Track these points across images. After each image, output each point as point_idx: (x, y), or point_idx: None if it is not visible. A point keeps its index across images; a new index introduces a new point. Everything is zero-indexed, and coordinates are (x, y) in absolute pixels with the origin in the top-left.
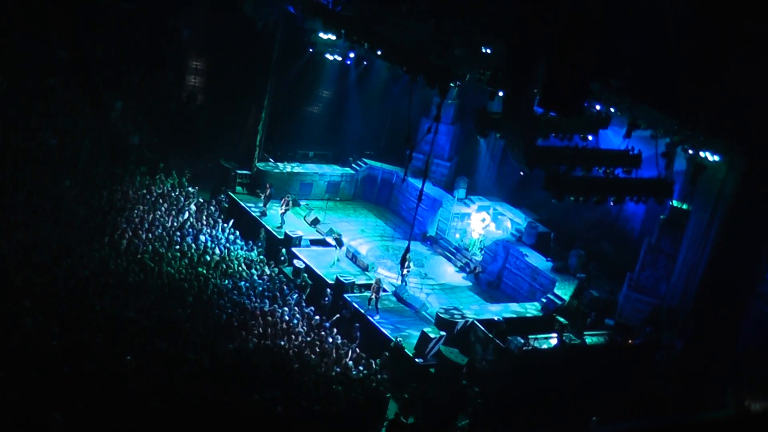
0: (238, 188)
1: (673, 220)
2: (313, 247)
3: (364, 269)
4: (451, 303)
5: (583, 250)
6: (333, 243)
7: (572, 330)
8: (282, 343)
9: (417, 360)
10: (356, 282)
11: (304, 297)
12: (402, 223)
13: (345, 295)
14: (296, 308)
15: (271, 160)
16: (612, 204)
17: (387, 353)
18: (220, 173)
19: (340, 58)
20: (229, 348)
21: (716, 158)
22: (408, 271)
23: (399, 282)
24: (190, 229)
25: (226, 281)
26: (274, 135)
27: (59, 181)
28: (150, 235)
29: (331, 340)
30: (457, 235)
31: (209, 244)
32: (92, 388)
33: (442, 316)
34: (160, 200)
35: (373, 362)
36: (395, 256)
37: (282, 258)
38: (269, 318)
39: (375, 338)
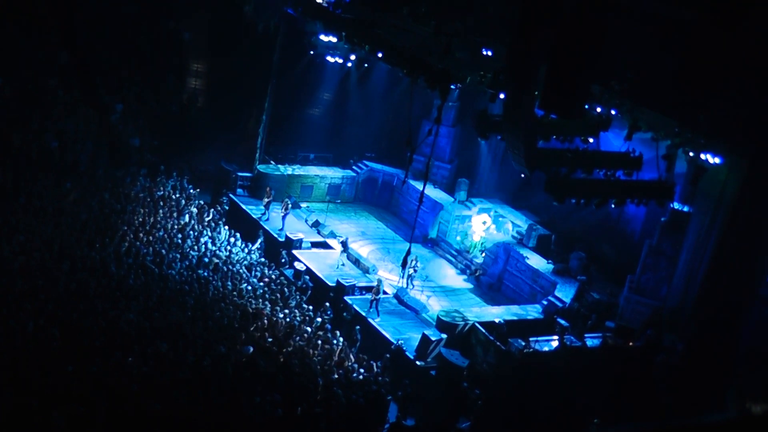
0: (239, 190)
1: (674, 222)
2: (314, 250)
3: (365, 271)
4: (452, 305)
5: (583, 252)
6: (339, 243)
7: (573, 332)
8: (283, 345)
9: (418, 362)
10: (357, 284)
11: (305, 299)
12: (403, 226)
13: (346, 298)
14: (297, 311)
15: (272, 162)
16: (613, 206)
17: (388, 356)
18: (221, 175)
19: (340, 61)
20: (230, 351)
21: (717, 160)
22: (414, 272)
23: (401, 284)
24: (191, 232)
25: (228, 284)
26: (274, 137)
27: (60, 183)
28: (151, 238)
29: (332, 342)
30: (458, 238)
31: (210, 246)
32: (94, 390)
33: (443, 318)
34: (161, 203)
35: (374, 365)
36: (396, 258)
37: (283, 260)
38: (270, 321)
39: (376, 341)
